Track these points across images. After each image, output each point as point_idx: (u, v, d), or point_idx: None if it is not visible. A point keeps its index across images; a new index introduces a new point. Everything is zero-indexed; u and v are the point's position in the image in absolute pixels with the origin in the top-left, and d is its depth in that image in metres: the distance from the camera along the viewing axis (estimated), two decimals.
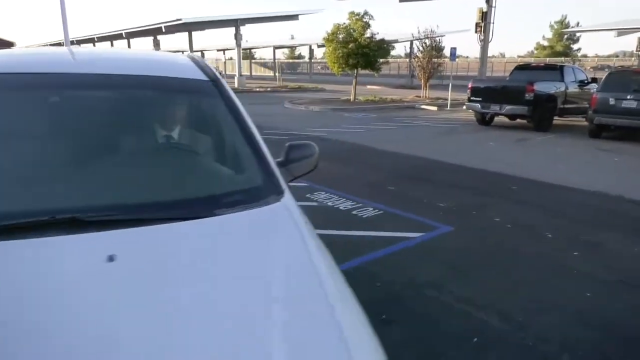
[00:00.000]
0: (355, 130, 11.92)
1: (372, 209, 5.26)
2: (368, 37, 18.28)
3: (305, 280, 1.30)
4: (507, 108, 12.07)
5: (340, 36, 18.64)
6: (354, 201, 5.54)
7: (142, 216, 1.40)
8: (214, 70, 2.30)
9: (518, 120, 12.96)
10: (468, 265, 3.85)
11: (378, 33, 19.20)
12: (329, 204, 5.45)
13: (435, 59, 21.63)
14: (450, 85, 17.98)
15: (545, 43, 54.84)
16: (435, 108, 17.76)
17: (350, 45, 18.07)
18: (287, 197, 1.76)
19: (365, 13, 18.31)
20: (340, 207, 5.31)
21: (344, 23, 18.55)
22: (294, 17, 31.23)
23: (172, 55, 2.60)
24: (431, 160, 8.18)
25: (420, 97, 21.87)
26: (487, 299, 3.27)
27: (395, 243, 4.28)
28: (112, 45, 56.72)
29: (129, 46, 52.72)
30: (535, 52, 56.77)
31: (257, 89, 28.95)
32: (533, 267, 3.84)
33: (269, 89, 29.02)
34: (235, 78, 31.85)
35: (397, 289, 3.41)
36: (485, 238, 4.48)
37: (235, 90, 20.62)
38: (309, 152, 2.12)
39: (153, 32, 32.41)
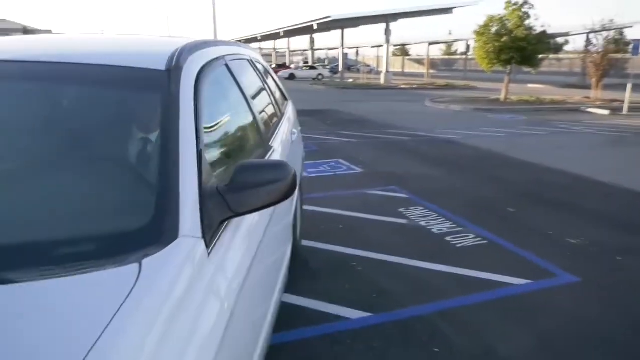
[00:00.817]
0: (494, 135, 10.40)
1: (473, 236, 4.18)
2: (526, 30, 16.04)
3: None
4: None
5: (494, 28, 16.72)
6: (455, 223, 4.50)
7: None
8: (193, 58, 1.70)
9: None
10: (583, 345, 2.65)
11: (542, 26, 16.80)
12: (422, 223, 4.51)
13: (614, 54, 18.14)
14: (629, 85, 14.80)
15: None
16: (606, 112, 14.82)
17: (504, 39, 16.07)
18: (168, 254, 1.09)
19: (525, 2, 16.09)
20: (434, 230, 4.33)
21: (499, 14, 16.59)
22: (447, 10, 29.41)
23: (151, 40, 2.09)
24: (580, 177, 6.52)
25: (589, 98, 18.60)
26: None
27: (486, 289, 3.23)
28: (274, 44, 60.86)
29: (288, 45, 55.89)
30: None
31: (403, 86, 27.98)
32: None
33: (414, 86, 27.83)
34: (382, 75, 31.34)
35: None
36: (627, 303, 3.13)
37: (380, 87, 20.66)
38: (272, 177, 1.40)
39: (306, 30, 33.61)
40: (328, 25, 32.03)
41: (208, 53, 1.92)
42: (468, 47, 43.93)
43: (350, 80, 34.16)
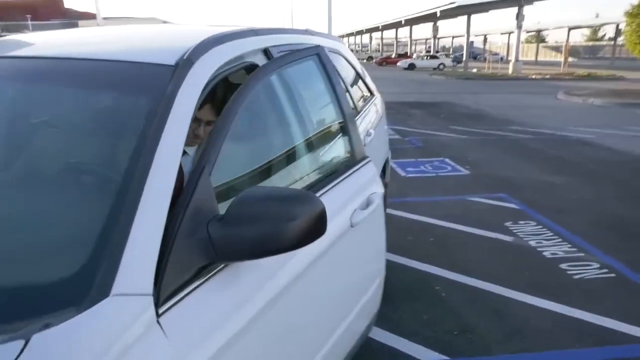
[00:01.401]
0: None
1: (597, 266, 3.36)
2: None
3: None
4: None
5: None
6: (574, 246, 3.68)
7: None
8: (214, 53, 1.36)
9: None
10: None
11: None
12: (532, 243, 3.76)
13: None
14: None
15: None
16: None
17: None
18: (80, 323, 0.79)
19: None
20: (546, 253, 3.58)
21: None
22: None
23: (196, 30, 1.80)
24: None
25: None
26: None
27: (607, 343, 2.50)
28: (396, 33, 59.63)
29: (410, 34, 54.31)
30: None
31: (533, 76, 25.34)
32: None
33: (547, 77, 25.02)
34: (510, 64, 28.81)
35: None
36: None
37: (507, 78, 18.84)
38: (285, 212, 1.02)
39: (429, 17, 32.11)
40: (453, 12, 30.25)
41: (244, 44, 1.57)
42: (618, 31, 38.47)
43: (474, 70, 31.97)
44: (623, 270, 3.29)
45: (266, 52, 1.70)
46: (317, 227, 1.06)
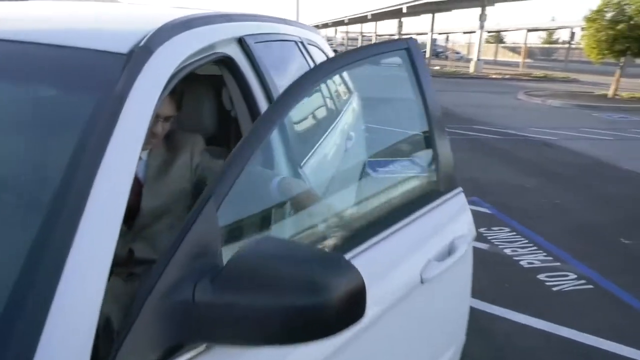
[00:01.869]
0: (599, 137, 8.96)
1: (574, 276, 3.29)
2: None
3: None
4: None
5: (609, 14, 14.63)
6: (550, 255, 3.61)
7: None
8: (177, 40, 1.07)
9: None
10: None
11: None
12: (507, 251, 3.67)
13: None
14: None
15: None
16: None
17: (620, 26, 13.99)
18: None
19: None
20: (522, 262, 3.49)
21: None
22: None
23: (137, 10, 1.50)
24: None
25: None
26: None
27: None
28: (361, 28, 59.74)
29: (375, 29, 54.48)
30: None
31: (494, 76, 25.88)
32: None
33: (506, 77, 25.62)
34: (472, 62, 29.36)
35: None
36: None
37: (469, 76, 19.02)
38: (310, 284, 0.67)
39: (395, 13, 32.23)
40: (418, 9, 30.46)
41: (214, 31, 1.29)
42: (572, 35, 39.99)
43: (437, 68, 32.35)
44: (600, 280, 3.23)
45: (241, 42, 1.43)
46: (349, 310, 0.71)
